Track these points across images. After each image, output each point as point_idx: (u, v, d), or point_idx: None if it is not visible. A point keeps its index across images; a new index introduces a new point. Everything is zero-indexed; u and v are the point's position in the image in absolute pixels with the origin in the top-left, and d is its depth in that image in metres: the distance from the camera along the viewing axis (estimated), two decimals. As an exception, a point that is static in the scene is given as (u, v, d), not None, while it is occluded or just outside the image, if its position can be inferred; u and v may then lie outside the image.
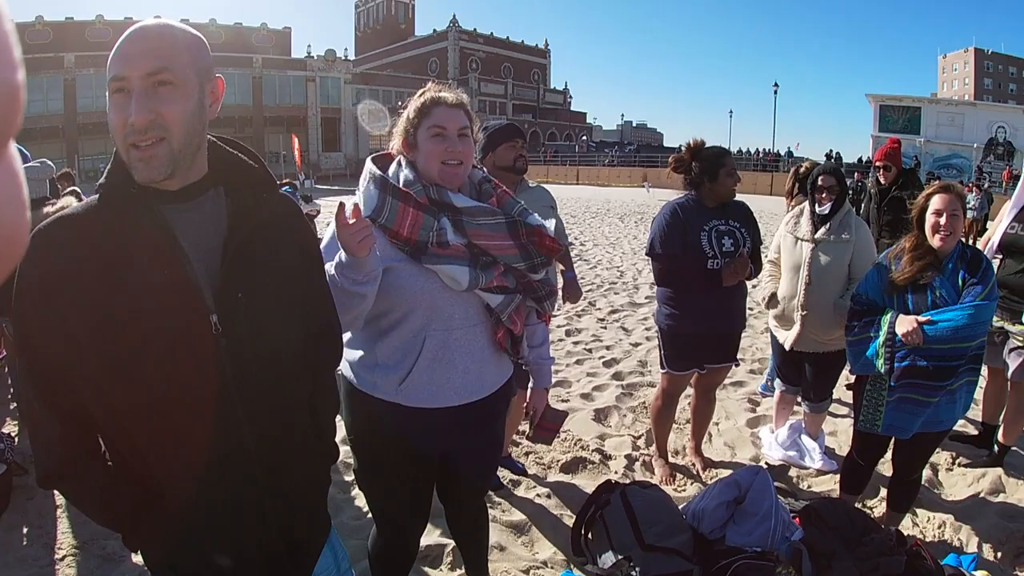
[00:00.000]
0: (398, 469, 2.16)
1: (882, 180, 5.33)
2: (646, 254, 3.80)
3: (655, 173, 39.19)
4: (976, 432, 4.66)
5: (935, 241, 2.90)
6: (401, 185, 1.97)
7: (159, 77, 1.20)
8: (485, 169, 3.39)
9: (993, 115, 44.45)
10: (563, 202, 10.02)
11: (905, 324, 2.87)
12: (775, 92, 48.16)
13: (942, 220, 2.87)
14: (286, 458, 1.48)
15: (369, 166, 2.05)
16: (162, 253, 1.28)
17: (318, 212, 10.17)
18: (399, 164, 2.05)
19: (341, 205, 1.73)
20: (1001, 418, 4.34)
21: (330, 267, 1.82)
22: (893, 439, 3.19)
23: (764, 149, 49.19)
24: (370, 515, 2.55)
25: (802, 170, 5.21)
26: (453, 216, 1.97)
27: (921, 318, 2.86)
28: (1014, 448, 4.41)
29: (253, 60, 52.72)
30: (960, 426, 4.74)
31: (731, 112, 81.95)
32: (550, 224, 2.16)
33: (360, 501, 3.50)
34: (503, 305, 2.06)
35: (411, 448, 2.13)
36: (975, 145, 42.52)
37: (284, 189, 6.63)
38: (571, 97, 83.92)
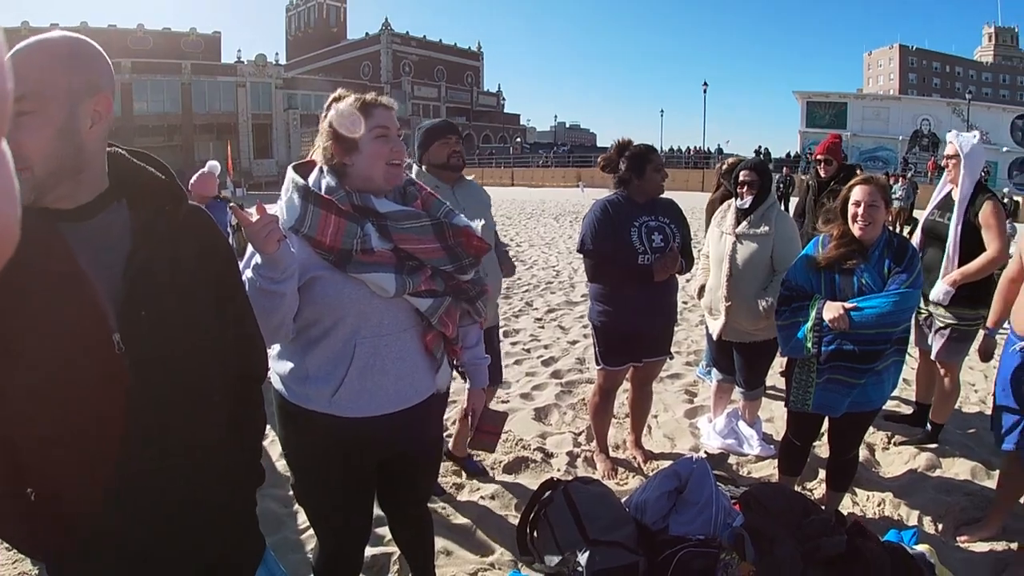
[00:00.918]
0: (336, 481, 2.12)
1: (822, 173, 5.46)
2: (577, 251, 3.82)
3: (589, 173, 39.65)
4: (911, 411, 4.84)
5: (855, 230, 3.01)
6: (323, 193, 1.93)
7: (18, 107, 1.14)
8: (424, 168, 3.38)
9: (918, 108, 46.62)
10: (498, 204, 10.07)
11: (832, 310, 2.97)
12: (704, 91, 49.44)
13: (860, 210, 2.98)
14: (203, 480, 1.43)
15: (291, 174, 1.99)
16: (59, 273, 1.22)
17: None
18: (320, 172, 2.01)
19: (235, 207, 1.68)
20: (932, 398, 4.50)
21: (248, 271, 1.78)
22: (827, 420, 3.28)
23: (695, 147, 50.25)
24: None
25: (724, 167, 5.33)
26: (378, 222, 1.94)
27: (847, 304, 2.96)
28: (948, 426, 4.58)
29: (182, 66, 51.44)
30: (895, 406, 4.92)
31: (662, 111, 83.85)
32: (477, 224, 2.14)
33: (303, 515, 3.41)
34: (433, 308, 2.03)
35: (348, 459, 2.09)
36: (900, 137, 44.44)
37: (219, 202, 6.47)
38: (504, 99, 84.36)
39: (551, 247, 14.59)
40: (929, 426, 4.47)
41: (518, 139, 74.21)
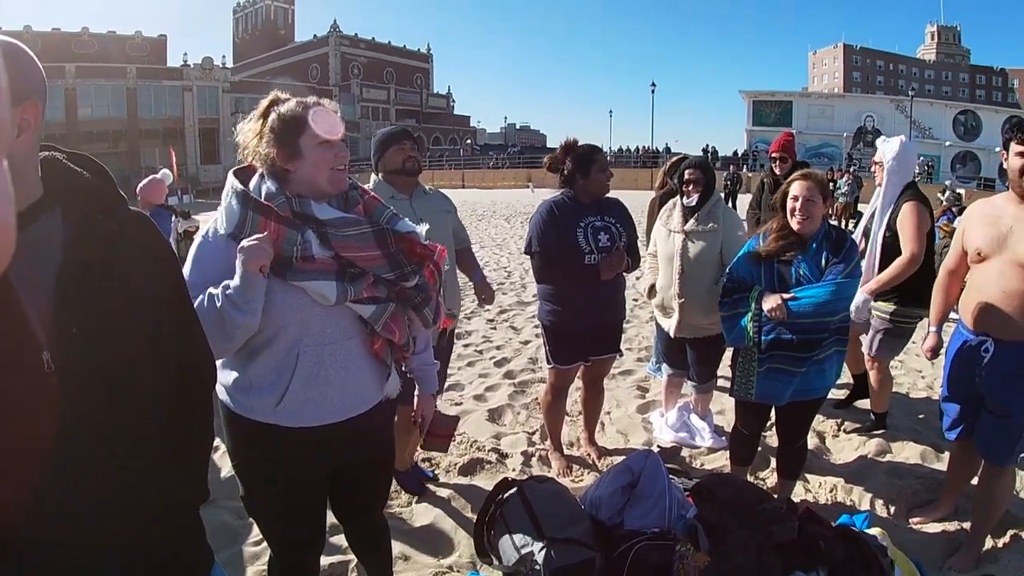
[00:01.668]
0: (285, 493, 2.08)
1: (777, 171, 5.57)
2: (524, 252, 3.84)
3: (539, 174, 39.62)
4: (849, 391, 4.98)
5: (793, 224, 3.10)
6: (263, 199, 1.89)
7: None
8: (381, 176, 3.34)
9: (862, 106, 48.05)
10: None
11: (770, 301, 3.05)
12: (652, 91, 50.02)
13: (798, 204, 3.06)
14: (144, 501, 1.37)
15: (231, 180, 1.95)
16: None
17: (197, 228, 9.70)
18: (261, 177, 1.96)
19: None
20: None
21: (215, 288, 1.77)
22: (774, 410, 3.34)
23: (643, 146, 50.88)
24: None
25: (669, 164, 5.41)
26: (318, 229, 1.90)
27: (785, 295, 3.04)
28: (896, 412, 4.70)
29: (127, 71, 50.07)
30: (844, 395, 5.02)
31: (611, 112, 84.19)
32: (422, 228, 2.12)
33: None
34: (376, 315, 2.00)
35: (297, 470, 2.05)
36: (845, 134, 45.71)
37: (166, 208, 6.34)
38: (454, 101, 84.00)
39: (502, 248, 14.62)
40: (873, 416, 4.58)
41: (468, 141, 74.00)
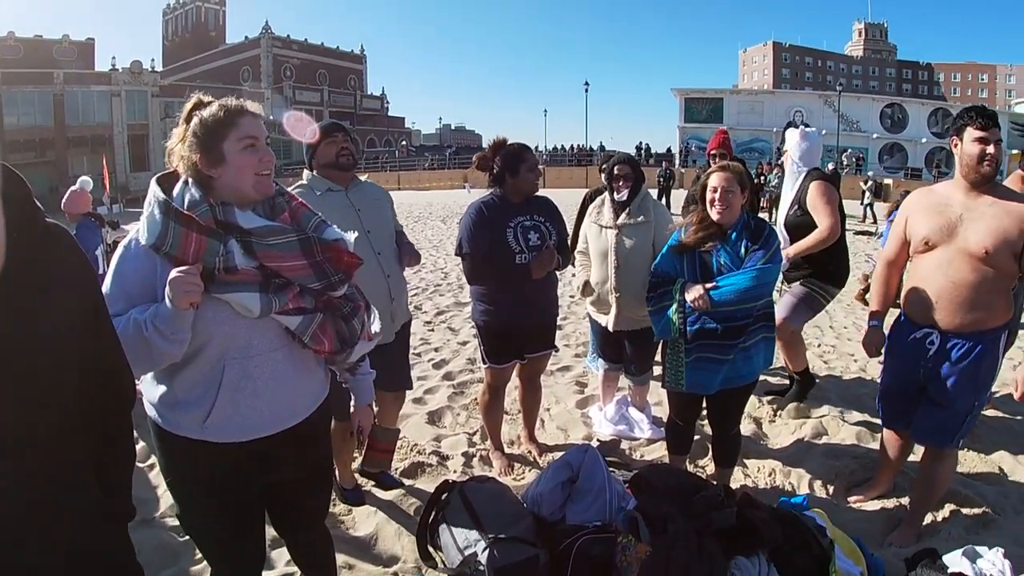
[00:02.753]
0: (219, 509, 2.02)
1: None
2: (456, 254, 3.82)
3: (475, 174, 39.38)
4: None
5: (713, 214, 3.16)
6: (186, 207, 1.83)
7: None
8: (315, 172, 3.27)
9: (791, 101, 49.27)
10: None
11: (693, 291, 3.11)
12: (586, 90, 50.63)
13: (717, 195, 3.12)
14: (67, 523, 1.33)
15: (153, 188, 1.87)
16: None
17: (126, 238, 9.40)
18: (185, 184, 1.89)
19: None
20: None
21: (139, 313, 1.74)
22: (706, 398, 3.40)
23: (578, 145, 51.19)
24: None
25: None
26: (242, 238, 1.85)
27: (708, 284, 3.10)
28: (831, 394, 4.84)
29: (54, 76, 47.69)
30: (778, 382, 5.15)
31: (546, 111, 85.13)
32: (350, 236, 2.08)
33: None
34: (303, 326, 1.95)
35: (230, 486, 1.99)
36: (775, 129, 46.62)
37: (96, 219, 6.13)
38: (389, 102, 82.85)
39: (439, 249, 14.60)
40: (790, 380, 4.80)
41: (404, 142, 73.38)
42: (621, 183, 4.05)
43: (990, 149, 2.82)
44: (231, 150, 1.86)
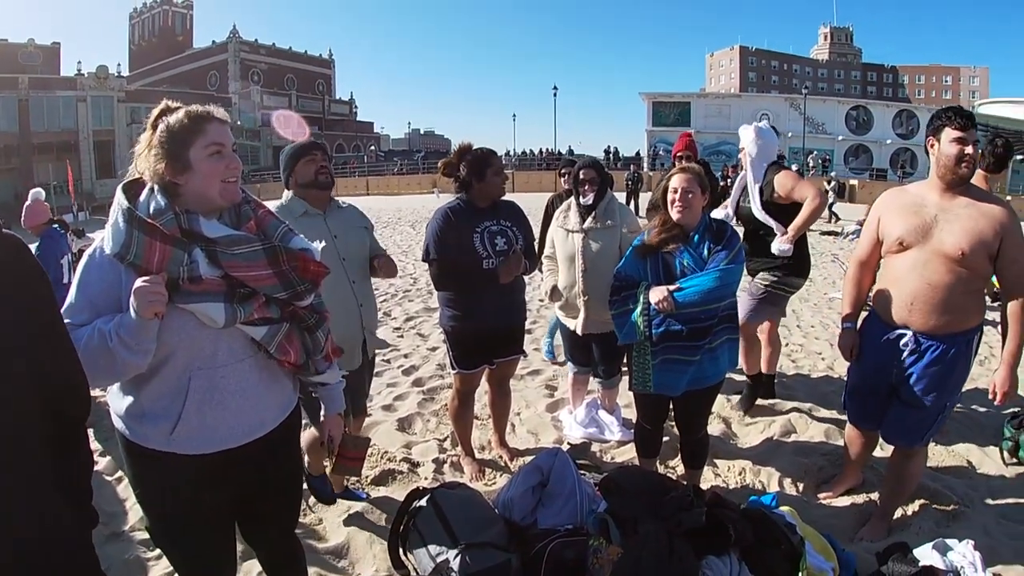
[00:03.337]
0: (188, 521, 1.99)
1: None
2: (422, 260, 3.80)
3: (444, 179, 39.37)
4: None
5: (674, 215, 3.16)
6: (151, 214, 1.80)
7: None
8: (293, 192, 3.23)
9: (757, 104, 49.77)
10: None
11: (656, 293, 3.11)
12: (555, 94, 50.45)
13: (678, 196, 3.13)
14: (23, 524, 1.30)
15: (118, 196, 1.85)
16: None
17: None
18: (151, 191, 1.86)
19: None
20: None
21: (104, 324, 1.71)
22: (672, 401, 3.41)
23: (547, 149, 51.22)
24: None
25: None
26: (207, 247, 1.83)
27: (672, 286, 3.10)
28: (798, 392, 4.90)
29: (19, 81, 46.70)
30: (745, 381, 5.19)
31: (514, 115, 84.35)
32: (317, 246, 2.06)
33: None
34: (268, 337, 1.94)
35: (197, 498, 1.96)
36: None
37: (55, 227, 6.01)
38: (357, 107, 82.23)
39: (408, 255, 14.55)
40: (748, 382, 4.86)
41: (372, 147, 72.84)
42: (587, 187, 4.07)
43: (968, 150, 2.82)
44: (197, 157, 1.84)
